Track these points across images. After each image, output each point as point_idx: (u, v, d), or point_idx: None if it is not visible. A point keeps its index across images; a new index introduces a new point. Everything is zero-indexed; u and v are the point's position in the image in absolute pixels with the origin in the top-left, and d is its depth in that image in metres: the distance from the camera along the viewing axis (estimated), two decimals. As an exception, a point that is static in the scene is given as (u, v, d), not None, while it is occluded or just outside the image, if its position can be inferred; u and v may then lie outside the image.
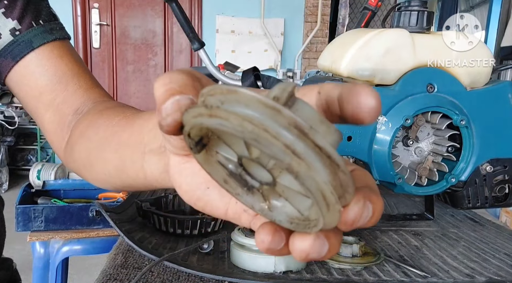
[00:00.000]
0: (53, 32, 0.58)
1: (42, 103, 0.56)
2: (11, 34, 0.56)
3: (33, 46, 0.56)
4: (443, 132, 0.73)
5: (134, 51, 4.17)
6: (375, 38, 0.70)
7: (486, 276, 0.62)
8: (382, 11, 2.84)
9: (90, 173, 0.49)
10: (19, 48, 0.56)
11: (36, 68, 0.56)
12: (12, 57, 0.56)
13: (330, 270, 0.61)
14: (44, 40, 0.56)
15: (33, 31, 0.56)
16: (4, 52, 0.56)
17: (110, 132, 0.43)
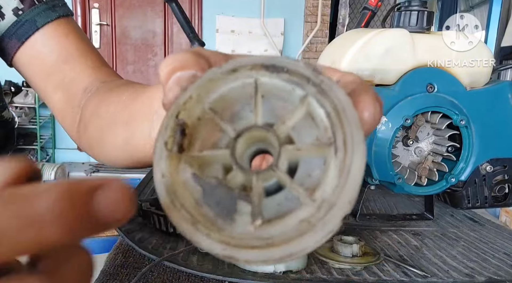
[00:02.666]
0: (56, 9, 0.57)
1: (50, 84, 0.56)
2: (14, 14, 0.55)
3: (37, 26, 0.55)
4: (443, 132, 0.73)
5: (134, 51, 4.17)
6: (375, 38, 0.70)
7: (485, 275, 0.62)
8: (382, 11, 2.84)
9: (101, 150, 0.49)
10: (23, 28, 0.55)
11: (42, 48, 0.56)
12: (18, 38, 0.56)
13: (330, 270, 0.61)
14: (48, 18, 0.56)
15: (36, 10, 0.56)
16: (9, 33, 0.56)
17: (121, 107, 0.43)
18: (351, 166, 0.18)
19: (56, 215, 0.14)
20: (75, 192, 0.15)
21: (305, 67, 0.20)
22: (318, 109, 0.19)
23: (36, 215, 0.14)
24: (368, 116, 0.21)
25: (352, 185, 0.18)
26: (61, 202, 0.14)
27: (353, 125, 0.19)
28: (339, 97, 0.19)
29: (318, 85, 0.19)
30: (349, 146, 0.18)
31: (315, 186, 0.19)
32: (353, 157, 0.18)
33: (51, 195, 0.14)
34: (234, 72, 0.20)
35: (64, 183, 0.15)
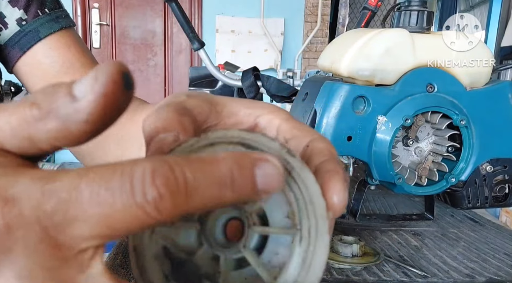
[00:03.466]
0: (59, 21, 0.58)
1: None
2: (17, 24, 0.56)
3: (40, 36, 0.56)
4: (443, 132, 0.73)
5: (133, 51, 4.17)
6: (375, 38, 0.70)
7: (486, 276, 0.62)
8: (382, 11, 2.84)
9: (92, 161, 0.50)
10: (26, 38, 0.56)
11: (43, 58, 0.57)
12: (20, 48, 0.56)
13: (330, 270, 0.61)
14: (51, 29, 0.57)
15: (39, 20, 0.57)
16: (12, 42, 0.56)
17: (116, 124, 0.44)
18: (312, 259, 0.19)
19: (233, 178, 0.17)
20: (244, 163, 0.18)
21: (279, 149, 0.21)
22: (288, 192, 0.20)
23: (219, 176, 0.17)
24: (338, 202, 0.21)
25: (313, 278, 0.19)
26: (237, 170, 0.17)
27: (319, 217, 0.20)
28: (308, 185, 0.20)
29: (289, 171, 0.20)
30: (312, 238, 0.19)
31: (280, 268, 0.20)
32: (315, 249, 0.19)
33: (229, 162, 0.17)
34: (211, 146, 0.21)
35: (234, 153, 0.18)
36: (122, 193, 0.16)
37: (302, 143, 0.24)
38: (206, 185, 0.17)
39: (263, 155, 0.18)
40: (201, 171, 0.17)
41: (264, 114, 0.26)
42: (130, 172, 0.16)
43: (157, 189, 0.16)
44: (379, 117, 0.70)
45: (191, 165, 0.17)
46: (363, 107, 0.70)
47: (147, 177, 0.16)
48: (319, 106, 0.70)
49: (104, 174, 0.16)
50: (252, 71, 1.13)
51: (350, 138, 0.70)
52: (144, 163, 0.16)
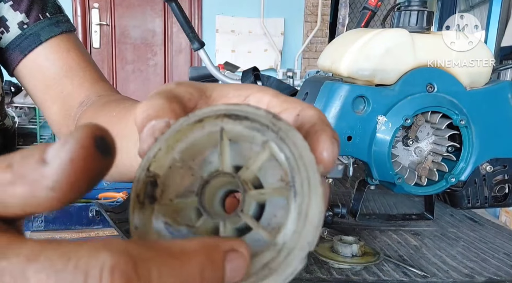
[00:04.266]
0: (60, 25, 0.58)
1: (49, 96, 0.58)
2: (19, 27, 0.57)
3: (41, 40, 0.57)
4: (443, 132, 0.73)
5: (133, 51, 4.17)
6: (375, 38, 0.70)
7: (485, 276, 0.62)
8: (382, 11, 2.84)
9: None
10: (27, 41, 0.57)
11: (44, 61, 0.57)
12: (21, 51, 0.57)
13: (330, 270, 0.61)
14: (52, 33, 0.57)
15: (40, 24, 0.57)
16: (13, 45, 0.57)
17: (110, 124, 0.44)
18: (308, 210, 0.20)
19: (203, 278, 0.16)
20: (215, 258, 0.17)
21: (265, 115, 0.21)
22: (279, 153, 0.21)
23: (189, 275, 0.16)
24: (327, 157, 0.22)
25: (310, 228, 0.20)
26: (208, 268, 0.16)
27: (310, 170, 0.20)
28: (297, 142, 0.21)
29: (277, 132, 0.21)
30: (305, 191, 0.20)
31: (280, 226, 0.21)
32: (310, 201, 0.20)
33: (200, 258, 0.16)
34: (200, 122, 0.22)
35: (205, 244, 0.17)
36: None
37: (293, 113, 0.25)
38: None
39: (234, 244, 0.18)
40: (169, 268, 0.15)
41: (253, 93, 0.26)
42: (86, 265, 0.14)
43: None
44: (379, 117, 0.70)
45: (158, 258, 0.15)
46: (363, 107, 0.70)
47: (105, 274, 0.14)
48: (319, 106, 0.70)
49: (56, 262, 0.15)
50: (252, 71, 1.13)
51: (350, 138, 0.70)
52: (104, 255, 0.14)
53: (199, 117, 0.22)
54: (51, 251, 0.15)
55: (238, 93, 0.26)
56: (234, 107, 0.22)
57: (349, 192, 0.93)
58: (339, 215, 0.80)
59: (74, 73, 0.57)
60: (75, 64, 0.58)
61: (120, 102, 0.49)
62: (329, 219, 0.78)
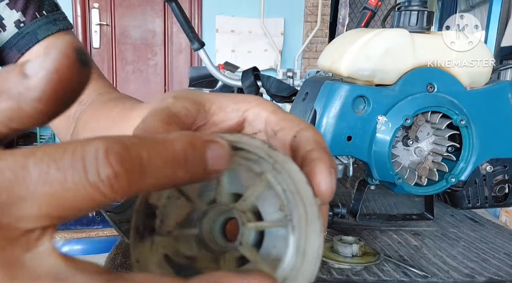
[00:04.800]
0: (57, 23, 0.58)
1: None
2: (15, 26, 0.57)
3: (38, 38, 0.57)
4: (443, 132, 0.73)
5: (133, 51, 4.17)
6: (375, 38, 0.70)
7: (486, 276, 0.62)
8: (382, 11, 2.84)
9: None
10: (24, 40, 0.57)
11: None
12: (18, 49, 0.57)
13: (330, 270, 0.61)
14: (49, 31, 0.57)
15: (37, 23, 0.57)
16: (10, 44, 0.57)
17: (111, 123, 0.44)
18: (306, 247, 0.20)
19: (186, 158, 0.17)
20: (197, 143, 0.18)
21: (260, 145, 0.21)
22: (276, 185, 0.21)
23: (173, 156, 0.17)
24: (325, 189, 0.21)
25: (308, 265, 0.20)
26: (190, 150, 0.18)
27: (307, 204, 0.20)
28: (293, 175, 0.21)
29: (272, 164, 0.21)
30: (302, 226, 0.20)
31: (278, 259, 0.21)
32: (308, 237, 0.20)
33: (182, 142, 0.18)
34: None
35: (187, 134, 0.18)
36: (74, 172, 0.15)
37: (290, 134, 0.24)
38: (161, 164, 0.17)
39: (213, 137, 0.19)
40: (156, 150, 0.17)
41: (251, 108, 0.26)
42: (82, 151, 0.15)
43: (112, 167, 0.15)
44: (379, 117, 0.70)
45: (145, 144, 0.17)
46: (363, 107, 0.70)
47: (100, 155, 0.15)
48: (319, 106, 0.70)
49: (54, 153, 0.16)
50: (252, 71, 1.13)
51: (350, 138, 0.70)
52: (97, 142, 0.16)
53: None
54: (46, 147, 0.16)
55: (237, 107, 0.26)
56: (230, 137, 0.22)
57: (349, 192, 0.92)
58: (339, 215, 0.80)
59: None
60: None
61: (120, 101, 0.49)
62: (329, 219, 0.78)
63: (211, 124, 0.26)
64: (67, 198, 0.15)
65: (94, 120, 0.49)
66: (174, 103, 0.25)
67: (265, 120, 0.26)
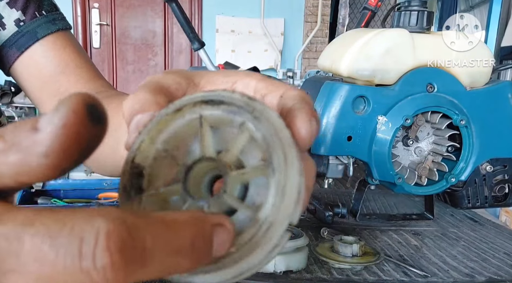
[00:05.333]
0: (56, 23, 0.59)
1: (46, 93, 0.58)
2: (15, 25, 0.57)
3: (37, 37, 0.57)
4: (443, 132, 0.73)
5: (134, 51, 4.17)
6: (375, 38, 0.70)
7: (485, 275, 0.62)
8: (382, 11, 2.84)
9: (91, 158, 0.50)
10: (24, 38, 0.57)
11: (40, 58, 0.58)
12: (17, 48, 0.57)
13: (330, 270, 0.61)
14: (48, 30, 0.58)
15: (37, 22, 0.58)
16: (9, 43, 0.57)
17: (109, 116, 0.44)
18: (285, 185, 0.20)
19: (194, 248, 0.17)
20: (205, 229, 0.17)
21: (239, 97, 0.22)
22: (256, 132, 0.22)
23: (181, 244, 0.16)
24: (305, 133, 0.22)
25: (288, 202, 0.20)
26: (199, 238, 0.17)
27: (286, 146, 0.21)
28: (272, 120, 0.21)
29: (251, 112, 0.22)
30: (282, 167, 0.20)
31: (261, 205, 0.21)
32: (287, 175, 0.20)
33: (191, 228, 0.17)
34: (179, 111, 0.23)
35: (196, 217, 0.17)
36: (67, 253, 0.14)
37: (277, 95, 0.25)
38: (166, 253, 0.16)
39: (220, 219, 0.18)
40: (162, 236, 0.16)
41: (240, 78, 0.27)
42: (81, 230, 0.14)
43: (110, 256, 0.14)
44: (379, 117, 0.70)
45: (151, 227, 0.16)
46: (363, 107, 0.70)
47: (100, 239, 0.14)
48: (319, 106, 0.70)
49: (51, 227, 0.15)
50: (252, 71, 1.13)
51: (350, 138, 0.70)
52: (100, 221, 0.15)
53: (177, 106, 0.23)
54: (46, 217, 0.15)
55: (226, 79, 0.27)
56: (210, 93, 0.22)
57: (349, 192, 0.93)
58: (339, 215, 0.80)
59: (71, 70, 0.58)
60: (71, 61, 0.58)
61: (116, 97, 0.50)
62: (329, 219, 0.78)
63: None
64: (56, 280, 0.15)
65: None
66: (164, 76, 0.25)
67: (254, 88, 0.26)
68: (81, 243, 0.14)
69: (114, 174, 0.48)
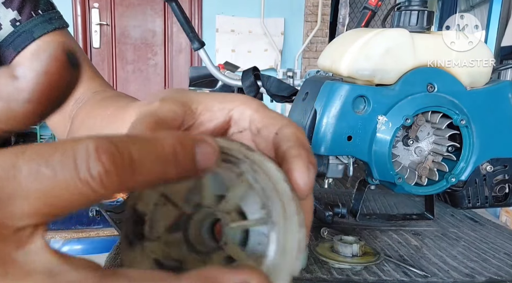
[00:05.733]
0: (53, 22, 0.59)
1: None
2: (11, 25, 0.57)
3: (34, 37, 0.57)
4: (443, 132, 0.73)
5: (134, 51, 4.17)
6: (375, 38, 0.70)
7: (486, 276, 0.62)
8: (382, 10, 2.84)
9: None
10: (20, 38, 0.57)
11: None
12: (14, 48, 0.57)
13: (330, 270, 0.61)
14: (45, 30, 0.57)
15: (33, 21, 0.57)
16: (6, 43, 0.57)
17: (106, 122, 0.45)
18: (285, 243, 0.20)
19: (176, 156, 0.18)
20: (186, 141, 0.18)
21: (238, 148, 0.22)
22: (255, 184, 0.22)
23: (163, 153, 0.17)
24: (303, 185, 0.22)
25: (289, 259, 0.20)
26: (180, 147, 0.18)
27: (285, 200, 0.21)
28: (271, 174, 0.21)
29: (250, 165, 0.22)
30: (281, 222, 0.20)
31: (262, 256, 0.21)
32: (287, 232, 0.20)
33: (172, 140, 0.18)
34: None
35: (176, 132, 0.18)
36: (64, 169, 0.15)
37: (272, 131, 0.25)
38: (151, 161, 0.17)
39: (202, 136, 0.19)
40: (146, 148, 0.17)
41: (236, 107, 0.27)
42: (73, 149, 0.16)
43: (103, 164, 0.16)
44: (379, 117, 0.70)
45: (135, 142, 0.17)
46: (363, 107, 0.70)
47: (91, 153, 0.16)
48: (319, 106, 0.70)
49: (44, 151, 0.16)
50: (252, 71, 1.13)
51: (350, 138, 0.70)
52: (88, 141, 0.16)
53: None
54: (36, 146, 0.16)
55: (223, 106, 0.27)
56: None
57: (349, 192, 0.92)
58: (339, 215, 0.80)
59: None
60: None
61: (115, 100, 0.49)
62: (329, 219, 0.78)
63: (198, 125, 0.27)
64: (58, 195, 0.16)
65: (91, 118, 0.49)
66: (161, 107, 0.25)
67: (249, 119, 0.26)
68: (74, 158, 0.16)
69: None
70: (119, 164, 0.16)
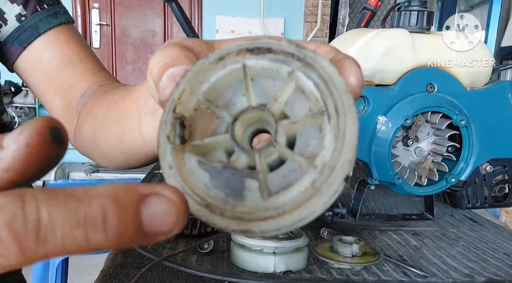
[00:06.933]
0: (58, 16, 0.58)
1: (50, 88, 0.57)
2: (17, 20, 0.56)
3: (39, 32, 0.56)
4: (443, 132, 0.73)
5: (133, 51, 4.17)
6: (375, 38, 0.70)
7: (485, 276, 0.62)
8: (382, 11, 2.84)
9: (96, 150, 0.50)
10: (26, 34, 0.56)
11: (43, 53, 0.57)
12: (20, 43, 0.56)
13: (330, 270, 0.61)
14: (50, 25, 0.57)
15: (38, 16, 0.57)
16: (12, 38, 0.57)
17: (112, 106, 0.44)
18: (345, 129, 0.19)
19: (106, 219, 0.15)
20: (125, 199, 0.15)
21: (288, 44, 0.21)
22: (307, 81, 0.20)
23: (86, 218, 0.15)
24: (356, 81, 0.22)
25: (349, 146, 0.19)
26: (112, 208, 0.15)
27: (341, 92, 0.20)
28: (325, 67, 0.20)
29: (303, 60, 0.20)
30: (340, 111, 0.20)
31: (315, 154, 0.20)
32: (346, 120, 0.19)
33: (103, 200, 0.15)
34: (221, 60, 0.22)
35: (116, 187, 0.16)
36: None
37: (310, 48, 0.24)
38: (67, 226, 0.15)
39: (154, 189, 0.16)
40: (63, 208, 0.15)
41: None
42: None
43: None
44: (379, 117, 0.70)
45: (52, 199, 0.15)
46: (363, 107, 0.70)
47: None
48: (319, 106, 0.70)
49: None
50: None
51: (350, 138, 0.70)
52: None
53: (220, 55, 0.22)
54: None
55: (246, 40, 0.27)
56: (255, 41, 0.21)
57: (349, 192, 0.93)
58: (339, 215, 0.80)
59: (75, 64, 0.57)
60: (75, 55, 0.57)
61: (121, 87, 0.49)
62: (329, 219, 0.78)
63: None
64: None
65: (97, 107, 0.49)
66: (185, 40, 0.25)
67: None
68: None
69: (123, 165, 0.47)
70: (19, 232, 0.14)
